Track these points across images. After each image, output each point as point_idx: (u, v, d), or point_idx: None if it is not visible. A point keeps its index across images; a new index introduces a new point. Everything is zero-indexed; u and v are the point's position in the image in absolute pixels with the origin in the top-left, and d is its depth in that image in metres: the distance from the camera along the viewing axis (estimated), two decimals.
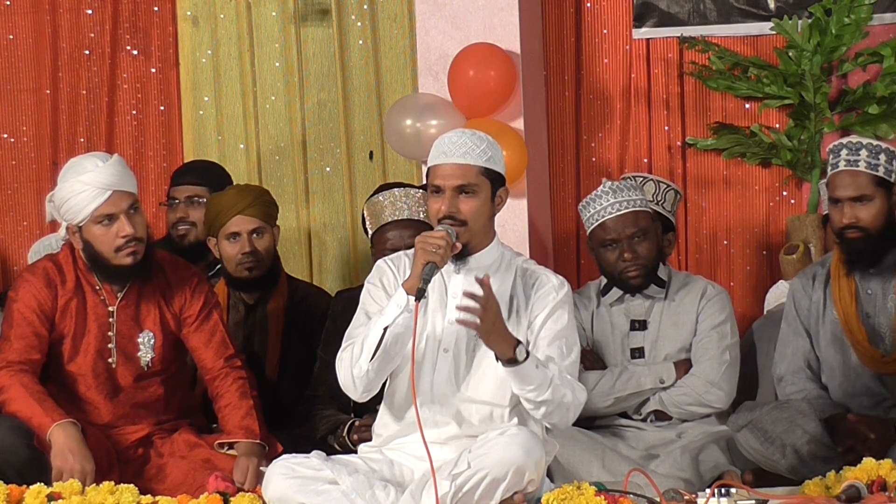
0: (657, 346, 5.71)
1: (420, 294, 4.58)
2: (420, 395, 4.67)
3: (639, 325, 5.73)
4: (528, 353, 4.60)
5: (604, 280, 5.79)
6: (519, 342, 4.60)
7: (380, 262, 4.94)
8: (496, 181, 4.80)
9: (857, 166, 5.32)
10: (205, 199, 6.38)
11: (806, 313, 5.55)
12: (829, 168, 5.39)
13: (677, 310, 5.72)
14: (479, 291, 4.54)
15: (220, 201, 6.09)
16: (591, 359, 5.73)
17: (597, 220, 5.70)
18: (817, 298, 5.53)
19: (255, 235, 6.02)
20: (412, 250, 4.85)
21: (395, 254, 4.99)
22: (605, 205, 5.69)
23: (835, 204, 5.37)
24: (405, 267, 4.84)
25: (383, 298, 4.79)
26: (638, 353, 5.72)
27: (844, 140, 5.40)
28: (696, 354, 5.68)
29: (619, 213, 5.67)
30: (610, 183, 5.72)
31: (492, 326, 4.55)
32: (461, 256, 4.78)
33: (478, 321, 4.52)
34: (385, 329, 4.63)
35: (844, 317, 5.43)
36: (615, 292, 5.74)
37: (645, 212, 5.70)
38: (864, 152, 5.32)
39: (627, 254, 5.66)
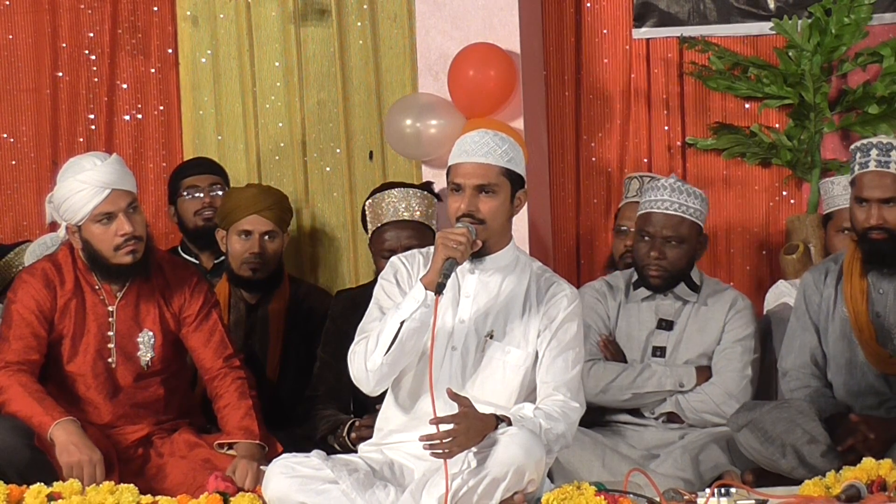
0: (679, 349, 5.71)
1: (440, 289, 4.58)
2: (426, 391, 4.66)
3: (665, 324, 5.73)
4: (509, 421, 4.60)
5: (635, 275, 5.79)
6: (498, 421, 4.59)
7: (394, 258, 4.94)
8: (516, 182, 4.79)
9: (889, 167, 5.31)
10: (222, 188, 6.47)
11: (816, 309, 5.55)
12: (857, 166, 5.36)
13: (705, 315, 5.73)
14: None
15: (239, 197, 6.10)
16: (613, 349, 5.74)
17: (645, 209, 5.72)
18: (828, 295, 5.51)
19: (266, 238, 6.05)
20: (426, 248, 4.87)
21: (410, 251, 4.99)
22: (659, 198, 5.69)
23: (860, 203, 5.35)
24: (419, 265, 4.85)
25: (397, 294, 4.80)
26: (659, 352, 5.72)
27: (874, 140, 5.37)
28: (718, 364, 5.69)
29: (666, 212, 5.67)
30: (673, 179, 5.72)
31: (468, 439, 4.51)
32: (477, 256, 4.78)
33: (451, 449, 4.48)
34: (401, 323, 4.63)
35: (854, 315, 5.42)
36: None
37: (693, 223, 5.69)
38: (895, 153, 5.30)
39: (654, 252, 5.67)
